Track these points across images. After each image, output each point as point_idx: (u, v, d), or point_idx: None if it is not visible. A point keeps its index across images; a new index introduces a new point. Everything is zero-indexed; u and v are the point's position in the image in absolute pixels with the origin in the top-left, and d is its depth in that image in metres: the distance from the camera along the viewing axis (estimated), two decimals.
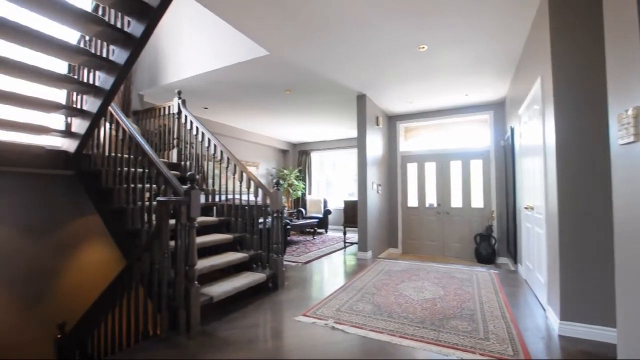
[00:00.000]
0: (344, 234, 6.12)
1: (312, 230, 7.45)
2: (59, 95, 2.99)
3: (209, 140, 3.68)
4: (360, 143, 5.09)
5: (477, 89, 4.70)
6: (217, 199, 3.88)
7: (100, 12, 2.64)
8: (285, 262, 4.29)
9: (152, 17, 2.15)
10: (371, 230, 5.14)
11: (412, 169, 6.18)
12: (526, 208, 3.41)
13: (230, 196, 3.86)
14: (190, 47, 4.26)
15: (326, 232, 8.12)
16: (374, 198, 5.33)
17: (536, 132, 2.89)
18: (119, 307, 2.57)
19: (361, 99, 5.05)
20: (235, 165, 3.47)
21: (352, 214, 5.92)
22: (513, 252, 4.39)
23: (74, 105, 2.81)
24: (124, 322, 2.54)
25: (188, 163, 4.09)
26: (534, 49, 2.92)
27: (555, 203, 2.32)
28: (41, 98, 2.54)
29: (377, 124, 5.52)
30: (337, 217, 8.73)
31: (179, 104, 4.03)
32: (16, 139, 2.91)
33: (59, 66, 2.85)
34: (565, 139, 2.27)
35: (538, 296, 3.01)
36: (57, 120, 2.93)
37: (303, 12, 2.79)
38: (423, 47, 3.39)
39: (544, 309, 2.70)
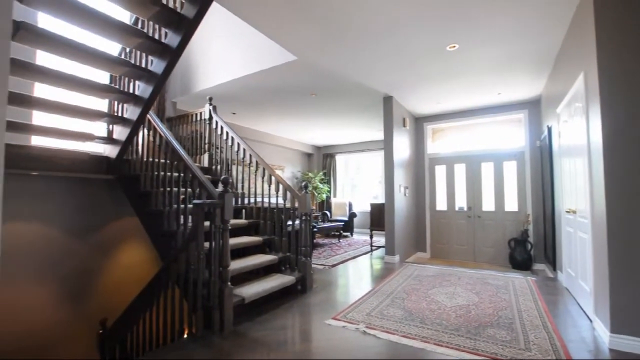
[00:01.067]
0: (371, 237, 6.06)
1: (338, 233, 7.43)
2: (101, 104, 3.20)
3: (238, 144, 3.78)
4: (387, 145, 5.02)
5: (510, 87, 4.52)
6: (245, 201, 3.97)
7: (139, 25, 2.80)
8: (312, 265, 4.30)
9: (187, 27, 2.24)
10: (398, 233, 5.04)
11: (440, 171, 6.02)
12: (567, 212, 3.21)
13: (258, 199, 3.94)
14: (220, 54, 4.41)
15: (352, 235, 8.06)
16: (401, 201, 5.24)
17: (579, 130, 2.73)
18: (156, 306, 2.68)
19: (388, 100, 4.99)
20: (264, 169, 3.53)
21: (378, 217, 5.85)
22: (552, 258, 4.15)
23: (116, 114, 2.98)
24: (160, 320, 2.65)
25: (218, 167, 4.22)
26: (575, 43, 2.77)
27: (603, 206, 2.17)
28: (87, 107, 2.72)
29: (404, 126, 5.43)
30: (362, 220, 8.65)
31: (210, 110, 4.17)
32: (64, 146, 3.13)
33: (102, 77, 3.05)
34: (613, 138, 2.13)
35: (582, 306, 2.82)
36: (100, 128, 3.13)
37: (331, 17, 2.81)
38: (454, 46, 3.31)
39: (590, 320, 2.53)
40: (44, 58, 3.01)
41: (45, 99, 2.49)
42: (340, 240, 7.26)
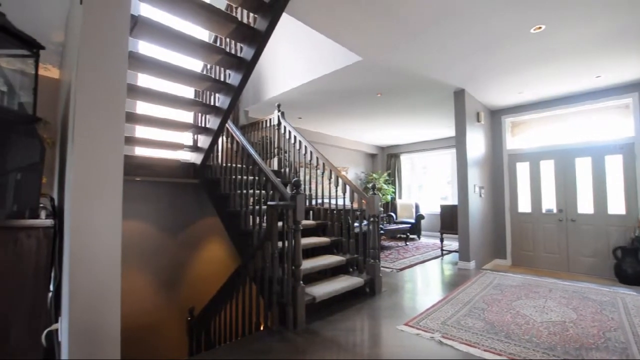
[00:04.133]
0: (441, 241, 5.71)
1: (405, 236, 7.16)
2: (188, 116, 3.60)
3: (305, 147, 3.90)
4: (459, 142, 4.69)
5: (612, 68, 3.83)
6: (312, 203, 4.08)
7: (218, 43, 3.08)
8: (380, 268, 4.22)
9: (260, 40, 2.39)
10: (474, 237, 4.66)
11: (522, 168, 5.39)
12: None
13: (325, 200, 4.01)
14: (286, 62, 4.61)
15: (419, 238, 7.71)
16: (476, 202, 4.83)
17: None
18: (235, 300, 2.90)
19: (459, 94, 4.65)
20: (330, 171, 3.58)
21: (450, 220, 5.49)
22: None
23: (200, 124, 3.32)
24: (240, 313, 2.86)
25: (287, 170, 4.41)
26: None
27: None
28: (177, 120, 3.09)
29: (478, 120, 5.00)
30: (430, 222, 8.22)
31: (278, 116, 4.39)
32: (160, 155, 3.60)
33: (188, 92, 3.43)
34: None
35: None
36: (187, 138, 3.53)
37: (394, 9, 2.72)
38: (539, 28, 2.94)
39: None
40: (142, 79, 3.51)
41: (145, 114, 2.90)
42: (407, 243, 6.99)
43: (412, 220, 7.74)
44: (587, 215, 4.76)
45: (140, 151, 3.65)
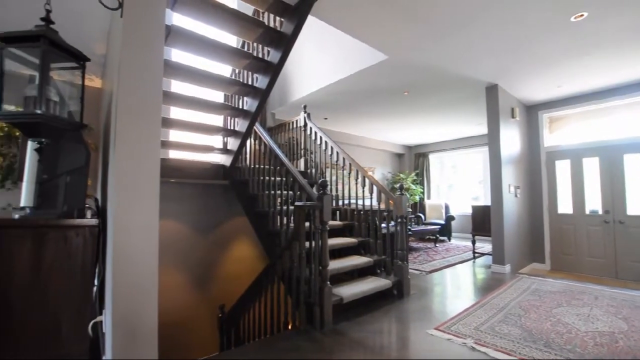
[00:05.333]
0: (473, 243, 5.48)
1: (434, 237, 6.96)
2: (218, 120, 3.72)
3: (331, 148, 3.90)
4: (491, 140, 4.48)
5: None
6: (339, 203, 4.08)
7: (246, 48, 3.16)
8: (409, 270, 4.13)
9: (286, 43, 2.43)
10: (509, 240, 4.43)
11: (562, 167, 5.06)
12: None
13: (352, 201, 3.99)
14: (311, 64, 4.65)
15: (449, 240, 7.46)
16: (511, 203, 4.60)
17: None
18: (264, 298, 2.96)
19: (492, 90, 4.46)
20: (357, 171, 3.56)
21: (482, 221, 5.26)
22: None
23: (229, 127, 3.42)
24: (268, 311, 2.92)
25: (313, 170, 4.44)
26: None
27: None
28: (208, 124, 3.21)
29: (513, 117, 4.76)
30: (461, 223, 7.92)
31: (304, 117, 4.43)
32: (192, 157, 3.75)
33: (218, 96, 3.55)
34: None
35: None
36: (217, 141, 3.65)
37: (424, 7, 2.66)
38: (581, 16, 2.75)
39: None
40: (175, 85, 3.68)
41: (179, 119, 3.03)
42: (437, 245, 6.78)
43: (442, 222, 7.51)
44: (637, 217, 4.37)
45: (174, 154, 3.82)
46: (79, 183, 1.53)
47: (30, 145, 1.40)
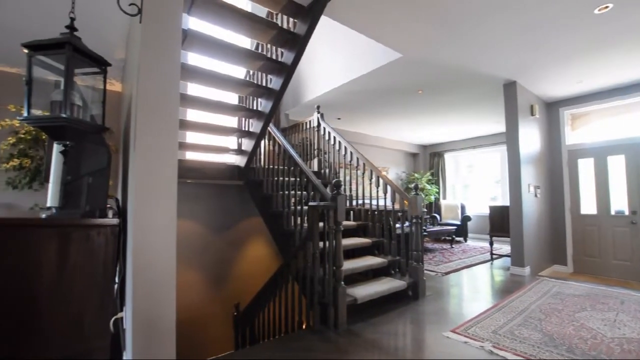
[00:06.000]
0: (491, 244, 5.35)
1: (450, 238, 6.84)
2: (232, 121, 3.78)
3: (345, 148, 3.90)
4: (510, 138, 4.37)
5: None
6: (353, 203, 4.06)
7: (260, 49, 3.20)
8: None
9: (300, 44, 2.44)
10: (528, 241, 4.30)
11: (585, 165, 4.87)
12: None
13: (365, 201, 3.97)
14: (324, 64, 4.65)
15: (465, 240, 7.31)
16: (531, 203, 4.46)
17: None
18: (278, 298, 2.98)
19: (510, 87, 4.34)
20: (371, 171, 3.54)
21: (500, 222, 5.13)
22: None
23: (244, 129, 3.47)
24: (282, 311, 2.94)
25: (327, 171, 4.44)
26: None
27: None
28: (223, 125, 3.26)
29: (532, 114, 4.62)
30: (478, 224, 7.75)
31: (318, 118, 4.44)
32: (208, 158, 3.82)
33: (232, 98, 3.60)
34: None
35: None
36: (232, 142, 3.70)
37: (439, 3, 2.62)
38: (605, 7, 2.64)
39: None
40: (190, 88, 3.76)
41: (195, 121, 3.09)
42: (453, 246, 6.66)
43: (458, 222, 7.37)
44: None
45: (190, 155, 3.90)
46: (101, 184, 1.58)
47: (56, 148, 1.46)
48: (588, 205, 4.83)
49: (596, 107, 4.79)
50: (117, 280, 1.73)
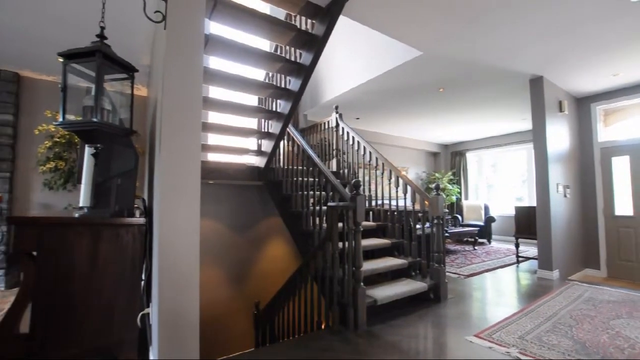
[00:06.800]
0: (516, 246, 5.15)
1: (473, 239, 6.64)
2: (252, 123, 3.84)
3: (364, 148, 3.87)
4: (537, 136, 4.19)
5: None
6: (372, 204, 4.03)
7: (279, 51, 3.23)
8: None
9: (318, 45, 2.45)
10: (557, 243, 4.11)
11: (620, 164, 4.59)
12: None
13: (385, 201, 3.92)
14: (342, 64, 4.64)
15: (489, 242, 7.08)
16: (560, 203, 4.26)
17: None
18: (297, 297, 3.00)
19: (536, 82, 4.16)
20: (390, 171, 3.50)
21: (526, 223, 4.94)
22: None
23: (263, 130, 3.52)
24: (302, 310, 2.95)
25: (346, 171, 4.43)
26: None
27: None
28: (243, 127, 3.32)
29: (561, 110, 4.41)
30: (503, 225, 7.49)
31: (336, 118, 4.44)
32: (228, 159, 3.90)
33: (252, 100, 3.67)
34: None
35: None
36: (252, 143, 3.76)
37: None
38: None
39: None
40: (212, 90, 3.85)
41: (216, 123, 3.17)
42: (476, 248, 6.46)
43: (481, 223, 7.15)
44: None
45: (212, 157, 4.00)
46: (129, 184, 1.66)
47: (87, 151, 1.54)
48: (623, 206, 4.55)
49: (633, 101, 4.50)
50: (143, 277, 1.80)
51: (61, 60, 1.40)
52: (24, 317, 1.34)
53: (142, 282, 1.81)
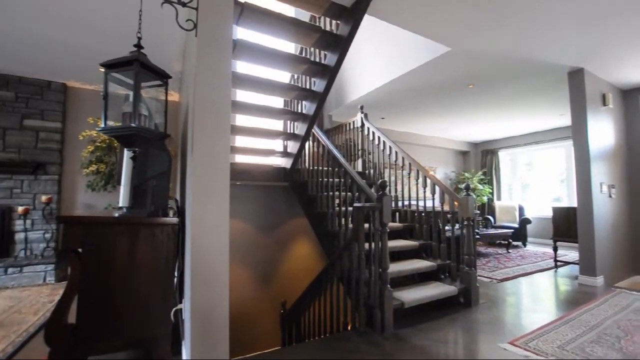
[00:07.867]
0: (555, 250, 4.85)
1: (506, 242, 6.34)
2: (278, 124, 3.91)
3: (390, 148, 3.81)
4: (577, 132, 3.93)
5: None
6: (398, 204, 3.96)
7: (304, 53, 3.26)
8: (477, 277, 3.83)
9: (343, 45, 2.45)
10: (601, 247, 3.82)
11: None
12: None
13: (412, 202, 3.84)
14: (367, 64, 4.60)
15: (524, 245, 6.71)
16: (604, 204, 3.96)
17: None
18: (323, 298, 3.01)
19: (576, 75, 3.90)
20: (417, 171, 3.42)
21: (566, 225, 4.63)
22: None
23: (289, 131, 3.57)
24: (327, 311, 2.96)
25: (371, 171, 4.39)
26: None
27: None
28: (269, 129, 3.38)
29: (604, 104, 4.10)
30: (540, 227, 7.08)
31: (361, 118, 4.41)
32: (255, 161, 3.99)
33: (277, 102, 3.73)
34: None
35: None
36: (278, 144, 3.83)
37: None
38: None
39: None
40: (239, 94, 3.96)
41: (243, 126, 3.25)
42: (510, 251, 6.16)
43: (515, 225, 6.80)
44: None
45: (239, 158, 4.11)
46: (163, 186, 1.74)
47: (126, 154, 1.64)
48: None
49: None
50: (176, 274, 1.88)
51: (102, 70, 1.50)
52: (71, 309, 1.45)
53: (175, 280, 1.89)
